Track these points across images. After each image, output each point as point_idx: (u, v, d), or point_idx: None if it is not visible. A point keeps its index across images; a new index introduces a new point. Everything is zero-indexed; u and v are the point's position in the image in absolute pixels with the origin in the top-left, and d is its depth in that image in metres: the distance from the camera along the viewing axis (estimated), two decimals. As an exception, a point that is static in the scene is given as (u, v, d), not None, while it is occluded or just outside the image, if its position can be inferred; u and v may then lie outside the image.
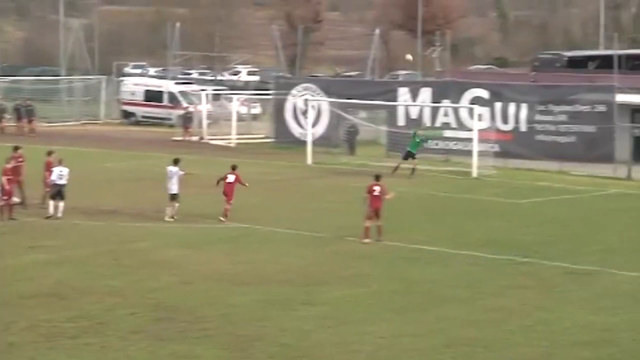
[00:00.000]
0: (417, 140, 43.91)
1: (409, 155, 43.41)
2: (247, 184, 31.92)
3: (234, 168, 31.94)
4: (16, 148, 33.06)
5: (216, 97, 61.62)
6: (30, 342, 18.41)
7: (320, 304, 21.27)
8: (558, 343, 18.92)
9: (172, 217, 30.53)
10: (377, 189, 27.81)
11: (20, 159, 32.47)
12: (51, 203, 30.93)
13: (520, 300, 21.86)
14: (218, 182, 31.35)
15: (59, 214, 30.72)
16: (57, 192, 31.04)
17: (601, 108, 45.40)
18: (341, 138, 50.10)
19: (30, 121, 57.92)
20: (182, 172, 31.00)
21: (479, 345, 18.63)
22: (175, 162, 30.98)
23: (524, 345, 18.74)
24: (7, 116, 58.90)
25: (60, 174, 31.25)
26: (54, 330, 19.18)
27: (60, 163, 31.69)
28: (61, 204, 30.87)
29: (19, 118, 58.42)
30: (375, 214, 27.82)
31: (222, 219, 30.55)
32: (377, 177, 28.31)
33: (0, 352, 17.89)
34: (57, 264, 24.61)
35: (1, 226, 29.37)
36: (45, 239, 27.69)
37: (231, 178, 31.35)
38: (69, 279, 23.09)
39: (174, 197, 30.70)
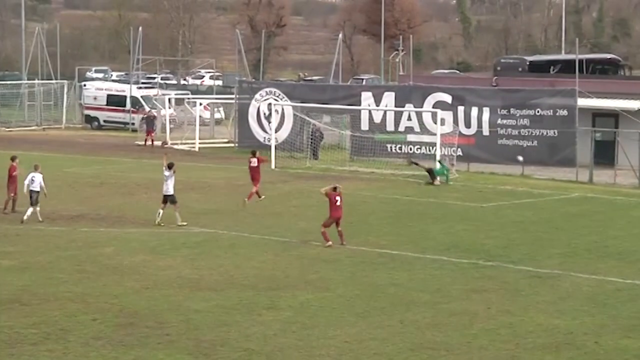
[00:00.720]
0: (443, 171, 42.46)
1: (430, 172, 42.02)
2: (267, 159, 37.12)
3: (254, 153, 35.65)
4: None
5: (179, 101, 61.44)
6: (-9, 349, 18.23)
7: (284, 308, 21.22)
8: (522, 346, 18.98)
9: (182, 222, 30.39)
10: (338, 199, 27.88)
11: None
12: (30, 210, 30.96)
13: (484, 304, 21.92)
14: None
15: (24, 217, 30.58)
16: (30, 197, 30.96)
17: (563, 112, 45.68)
18: (305, 143, 50.05)
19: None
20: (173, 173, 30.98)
21: (443, 349, 18.65)
22: (170, 166, 30.96)
23: (488, 349, 18.78)
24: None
25: (32, 179, 31.14)
26: (15, 336, 18.98)
27: (36, 169, 31.61)
28: (29, 210, 30.75)
29: None
30: (336, 223, 27.88)
31: (246, 200, 34.09)
32: (336, 188, 28.30)
33: (-39, 359, 17.70)
34: (19, 270, 24.37)
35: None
36: (7, 244, 27.42)
37: (254, 162, 35.16)
38: (31, 285, 22.87)
39: (167, 198, 30.71)
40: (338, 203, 27.85)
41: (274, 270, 24.84)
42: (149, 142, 55.32)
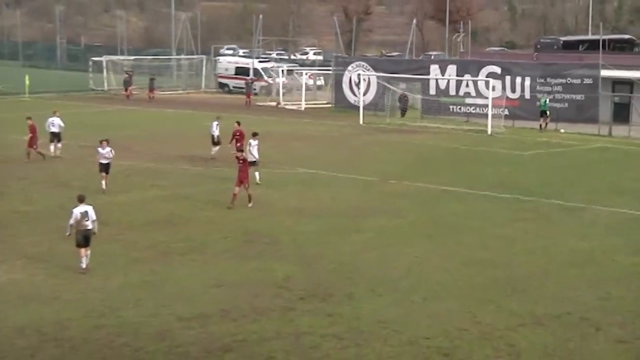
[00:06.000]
0: (543, 103, 43.69)
1: (543, 114, 43.19)
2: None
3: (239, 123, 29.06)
4: (29, 118, 29.99)
5: (290, 72, 61.41)
6: (150, 258, 18.65)
7: (368, 231, 21.23)
8: (553, 263, 18.73)
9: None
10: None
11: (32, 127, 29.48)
12: (51, 146, 29.70)
13: (523, 230, 21.63)
14: None
15: (58, 153, 29.65)
16: (53, 136, 29.70)
17: (588, 81, 44.66)
18: (395, 105, 49.50)
19: (152, 90, 58.14)
20: (109, 149, 25.08)
21: (489, 265, 18.50)
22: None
23: (525, 264, 18.57)
24: (134, 86, 59.10)
25: (52, 123, 29.77)
26: (167, 249, 19.39)
27: (54, 114, 30.29)
28: (59, 145, 29.97)
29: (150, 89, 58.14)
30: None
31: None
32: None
33: (127, 264, 18.13)
34: (169, 199, 24.78)
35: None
36: (160, 179, 27.84)
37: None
38: (178, 210, 23.25)
39: (104, 167, 24.96)
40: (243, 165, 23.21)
41: (360, 202, 24.82)
42: (267, 103, 55.28)
